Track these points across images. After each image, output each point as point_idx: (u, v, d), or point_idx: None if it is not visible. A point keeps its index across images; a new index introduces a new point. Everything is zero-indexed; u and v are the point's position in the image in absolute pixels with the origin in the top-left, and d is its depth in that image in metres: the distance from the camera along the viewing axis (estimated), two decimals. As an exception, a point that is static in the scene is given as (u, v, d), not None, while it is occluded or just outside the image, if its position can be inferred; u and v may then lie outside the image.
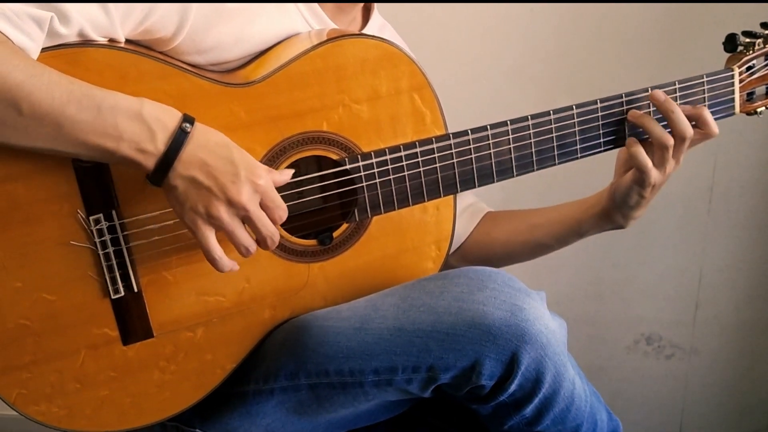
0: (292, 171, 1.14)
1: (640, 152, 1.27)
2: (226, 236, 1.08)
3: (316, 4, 1.29)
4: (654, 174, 1.28)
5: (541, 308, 1.12)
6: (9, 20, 0.98)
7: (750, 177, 2.13)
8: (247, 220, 1.08)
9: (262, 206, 1.08)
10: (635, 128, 1.32)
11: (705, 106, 1.32)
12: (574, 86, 2.03)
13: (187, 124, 1.03)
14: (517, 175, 1.28)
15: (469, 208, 1.51)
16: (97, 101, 0.99)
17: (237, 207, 1.05)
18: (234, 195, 1.04)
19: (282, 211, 1.11)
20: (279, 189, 1.15)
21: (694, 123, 1.29)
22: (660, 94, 1.28)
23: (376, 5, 1.42)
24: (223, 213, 1.05)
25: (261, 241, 1.10)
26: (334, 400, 1.19)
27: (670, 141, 1.27)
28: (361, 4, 1.38)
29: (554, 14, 1.99)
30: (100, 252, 1.10)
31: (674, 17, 1.98)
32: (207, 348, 1.19)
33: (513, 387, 1.11)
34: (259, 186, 1.07)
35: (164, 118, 1.03)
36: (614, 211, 1.36)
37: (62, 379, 1.12)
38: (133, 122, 1.00)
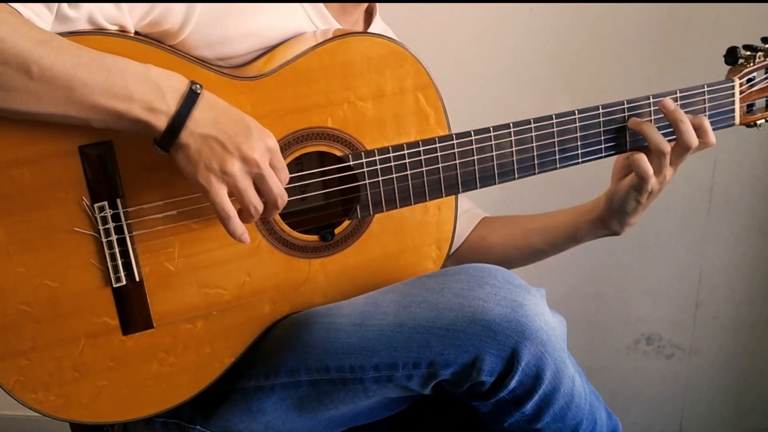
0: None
1: (643, 159, 1.28)
2: (236, 195, 1.07)
3: (321, 4, 1.29)
4: (653, 181, 1.29)
5: (541, 305, 1.12)
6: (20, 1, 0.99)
7: (750, 177, 2.14)
8: (258, 178, 1.07)
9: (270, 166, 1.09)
10: (636, 135, 1.32)
11: (705, 116, 1.32)
12: (573, 86, 2.03)
13: (198, 86, 1.04)
14: (518, 178, 1.29)
15: (466, 213, 1.51)
16: (107, 64, 1.00)
17: (250, 164, 1.05)
18: (248, 151, 1.05)
19: (285, 173, 1.11)
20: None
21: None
22: (669, 103, 1.29)
23: (378, 10, 1.42)
24: (237, 170, 1.05)
25: (271, 202, 1.09)
26: (335, 397, 1.19)
27: (667, 148, 1.27)
28: (365, 6, 1.38)
29: (553, 14, 2.00)
30: (104, 240, 1.10)
31: (673, 18, 1.98)
32: (206, 341, 1.19)
33: (513, 383, 1.11)
34: (270, 145, 1.07)
35: (173, 81, 1.04)
36: (611, 217, 1.37)
37: (61, 368, 1.12)
38: (143, 83, 1.01)
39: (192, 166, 1.04)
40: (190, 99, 1.03)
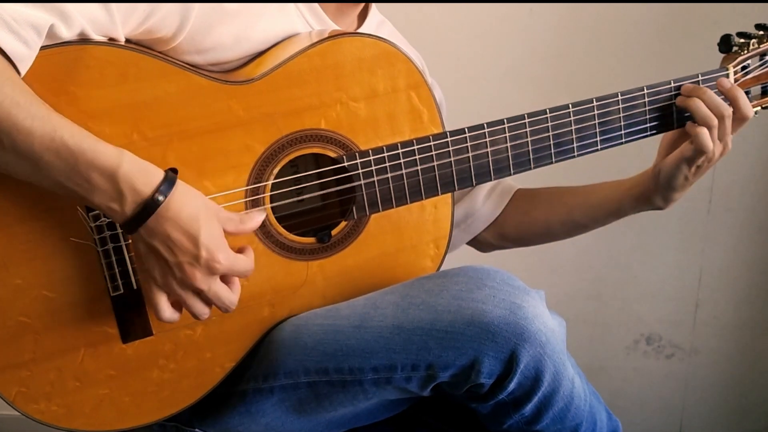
0: (263, 215, 1.13)
1: (704, 132, 1.28)
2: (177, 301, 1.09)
3: (316, 5, 1.29)
4: (709, 155, 1.30)
5: (540, 306, 1.12)
6: (7, 26, 0.96)
7: (750, 177, 2.14)
8: (197, 293, 1.08)
9: (224, 278, 1.10)
10: (631, 128, 1.32)
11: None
12: (573, 86, 2.03)
13: (160, 197, 1.01)
14: (514, 173, 1.29)
15: (497, 188, 1.51)
16: (75, 155, 0.98)
17: (190, 288, 1.06)
18: (188, 277, 1.05)
19: (248, 271, 1.11)
20: (277, 187, 1.16)
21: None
22: (726, 81, 1.32)
23: (373, 6, 1.41)
24: (177, 287, 1.06)
25: (219, 308, 1.11)
26: (334, 399, 1.19)
27: (729, 111, 1.29)
28: (361, 6, 1.37)
29: (553, 14, 2.00)
30: (100, 249, 1.10)
31: (672, 17, 1.99)
32: (206, 346, 1.19)
33: (512, 385, 1.11)
34: (217, 269, 1.06)
35: (138, 183, 1.00)
36: (656, 192, 1.37)
37: (62, 378, 1.12)
38: (106, 181, 0.99)
39: (140, 259, 1.08)
40: (147, 209, 1.01)
